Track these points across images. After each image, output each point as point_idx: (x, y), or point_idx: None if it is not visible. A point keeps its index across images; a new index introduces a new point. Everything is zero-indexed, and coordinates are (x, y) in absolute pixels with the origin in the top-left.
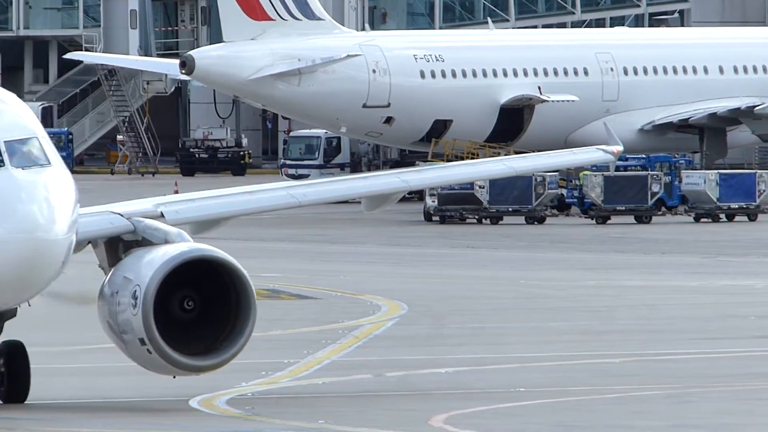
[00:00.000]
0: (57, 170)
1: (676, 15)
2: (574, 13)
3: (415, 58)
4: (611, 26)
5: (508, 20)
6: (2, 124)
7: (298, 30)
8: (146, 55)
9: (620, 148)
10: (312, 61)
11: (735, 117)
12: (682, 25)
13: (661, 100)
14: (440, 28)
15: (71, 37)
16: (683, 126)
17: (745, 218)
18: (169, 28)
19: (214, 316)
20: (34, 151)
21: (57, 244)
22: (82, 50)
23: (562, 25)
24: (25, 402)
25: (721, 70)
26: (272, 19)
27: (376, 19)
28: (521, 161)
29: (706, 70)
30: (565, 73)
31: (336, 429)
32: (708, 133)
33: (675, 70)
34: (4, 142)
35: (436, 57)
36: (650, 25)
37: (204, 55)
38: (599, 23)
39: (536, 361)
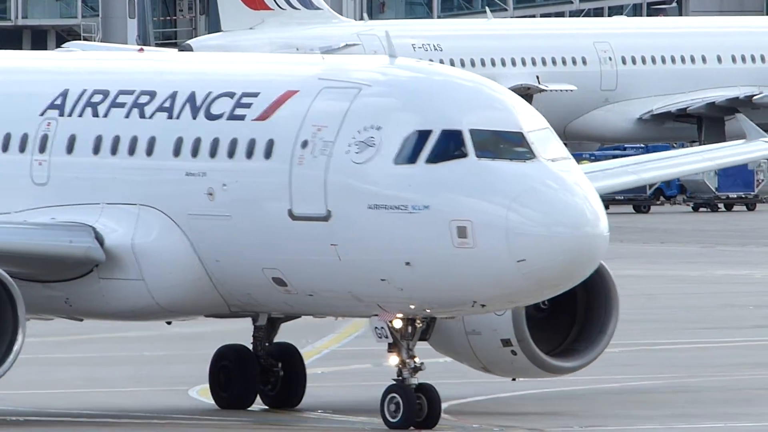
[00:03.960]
0: (575, 163)
1: (675, 4)
2: (572, 3)
3: (414, 48)
4: (610, 16)
5: (506, 9)
6: (522, 116)
7: (296, 19)
8: (144, 45)
9: None
10: (310, 50)
11: (733, 106)
12: (681, 15)
13: (660, 90)
14: (438, 17)
15: (70, 27)
16: (681, 115)
17: (744, 208)
18: (168, 18)
19: (559, 314)
20: (553, 142)
21: (603, 241)
22: (80, 39)
23: (561, 15)
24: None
25: (719, 60)
26: (270, 9)
27: (375, 8)
28: (726, 159)
29: (704, 60)
30: (564, 62)
31: (335, 418)
32: (706, 123)
33: (673, 60)
34: (528, 132)
35: (434, 46)
36: (648, 15)
37: (202, 44)
38: (597, 12)
39: None
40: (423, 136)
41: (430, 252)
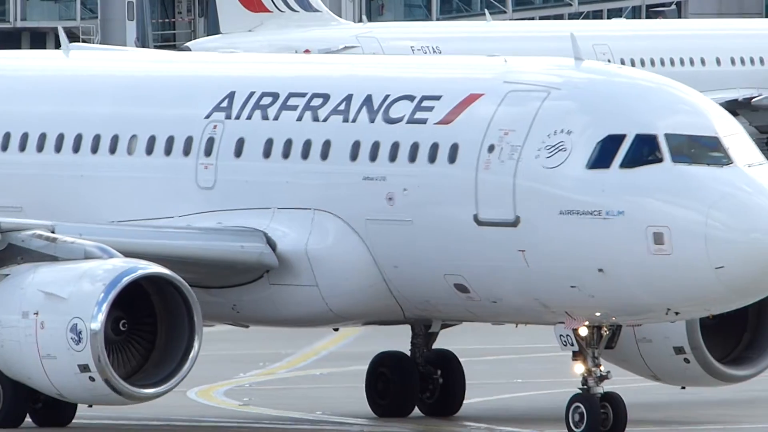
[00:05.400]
0: None
1: (674, 7)
2: (571, 5)
3: (412, 50)
4: (609, 18)
5: (505, 12)
6: (716, 119)
7: (295, 22)
8: (143, 47)
9: None
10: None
11: (732, 109)
12: (679, 17)
13: None
14: (437, 19)
15: (69, 29)
16: None
17: None
18: (166, 20)
19: (729, 321)
20: (748, 146)
21: None
22: (79, 42)
23: (560, 17)
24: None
25: (718, 62)
26: (269, 11)
27: (374, 10)
28: None
29: (703, 62)
30: None
31: (333, 420)
32: None
33: (672, 62)
34: (723, 137)
35: (433, 49)
36: (647, 17)
37: (201, 46)
38: (596, 15)
39: (535, 352)
40: (616, 140)
41: (624, 258)
